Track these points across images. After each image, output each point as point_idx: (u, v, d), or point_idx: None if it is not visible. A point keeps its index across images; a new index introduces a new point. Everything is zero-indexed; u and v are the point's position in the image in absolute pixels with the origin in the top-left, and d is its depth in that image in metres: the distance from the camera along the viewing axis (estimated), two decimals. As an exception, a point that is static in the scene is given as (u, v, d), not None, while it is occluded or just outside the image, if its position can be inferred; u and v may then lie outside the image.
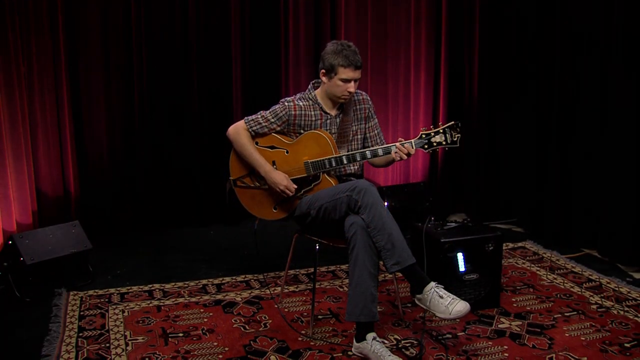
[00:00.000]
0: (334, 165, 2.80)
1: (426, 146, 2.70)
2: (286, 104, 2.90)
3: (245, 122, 2.92)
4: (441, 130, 2.68)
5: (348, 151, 2.91)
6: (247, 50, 4.48)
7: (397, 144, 2.70)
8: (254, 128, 2.89)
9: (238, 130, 2.93)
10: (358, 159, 2.80)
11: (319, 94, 2.93)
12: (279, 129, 2.89)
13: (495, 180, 4.79)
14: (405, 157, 2.70)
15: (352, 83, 2.81)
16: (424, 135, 2.70)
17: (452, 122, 2.67)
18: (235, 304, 3.12)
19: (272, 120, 2.88)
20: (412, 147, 2.69)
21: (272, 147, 2.90)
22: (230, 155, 2.99)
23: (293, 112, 2.88)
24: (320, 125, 2.90)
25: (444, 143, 2.68)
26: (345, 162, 2.81)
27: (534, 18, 4.38)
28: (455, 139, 2.68)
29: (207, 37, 4.35)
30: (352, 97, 3.01)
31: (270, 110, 2.91)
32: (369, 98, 3.05)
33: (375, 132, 3.06)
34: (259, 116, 2.90)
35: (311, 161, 2.82)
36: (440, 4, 4.75)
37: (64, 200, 4.06)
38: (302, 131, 2.89)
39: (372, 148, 2.82)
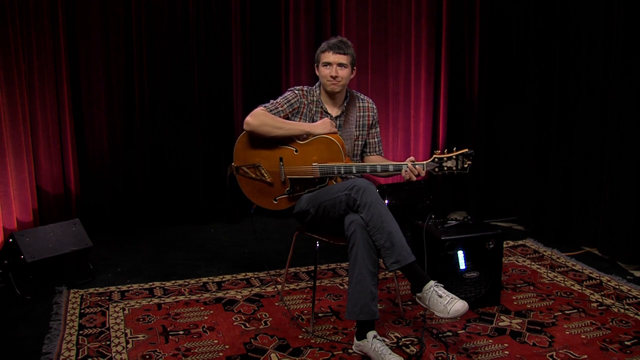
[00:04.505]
0: (342, 172, 2.81)
1: (437, 169, 2.70)
2: (296, 91, 2.96)
3: (262, 107, 2.90)
4: (454, 157, 2.67)
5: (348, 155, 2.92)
6: (248, 48, 4.48)
7: (409, 164, 2.70)
8: (273, 111, 2.89)
9: (258, 114, 2.85)
10: (368, 171, 2.81)
11: (322, 94, 2.98)
12: (288, 115, 2.91)
13: (495, 178, 4.79)
14: (414, 177, 2.71)
15: (334, 67, 2.86)
16: (436, 159, 2.69)
17: (466, 150, 2.67)
18: (236, 301, 3.13)
19: (286, 105, 2.91)
20: (423, 170, 2.70)
21: (282, 144, 2.90)
22: (237, 142, 2.97)
23: (303, 100, 2.94)
24: None
25: (454, 169, 2.68)
26: (354, 171, 2.81)
27: (534, 17, 4.38)
28: (466, 166, 2.67)
29: (208, 35, 4.35)
30: (357, 102, 3.02)
31: (281, 97, 2.95)
32: (374, 107, 3.08)
33: (375, 140, 3.09)
34: (270, 103, 2.92)
35: (320, 165, 2.82)
36: (440, 1, 4.75)
37: (64, 198, 4.06)
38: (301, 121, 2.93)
39: (383, 163, 2.82)
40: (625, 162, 3.63)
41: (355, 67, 2.97)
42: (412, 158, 2.73)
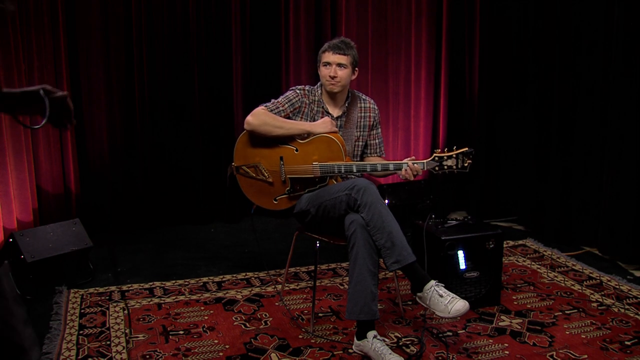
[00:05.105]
0: (342, 171, 2.81)
1: (437, 168, 2.70)
2: (298, 91, 2.96)
3: (263, 107, 2.90)
4: (454, 156, 2.67)
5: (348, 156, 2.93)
6: (248, 48, 4.49)
7: (409, 162, 2.70)
8: (274, 111, 2.89)
9: (259, 114, 2.86)
10: (368, 170, 2.80)
11: (323, 94, 2.98)
12: (289, 114, 2.91)
13: (495, 178, 4.79)
14: (412, 177, 2.70)
15: (333, 67, 2.86)
16: (436, 158, 2.69)
17: (466, 149, 2.67)
18: (236, 301, 3.12)
19: (287, 105, 2.91)
20: (424, 168, 2.70)
21: (283, 143, 2.89)
22: (237, 142, 2.97)
23: (305, 100, 2.93)
24: None
25: (454, 167, 2.68)
26: (354, 170, 2.81)
27: (534, 17, 4.38)
28: (466, 165, 2.67)
29: (208, 35, 4.35)
30: (359, 102, 3.01)
31: (282, 96, 2.95)
32: (376, 107, 3.07)
33: (377, 141, 3.07)
34: (271, 103, 2.92)
35: (320, 164, 2.82)
36: (441, 1, 4.75)
37: (64, 197, 4.06)
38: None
39: (383, 162, 2.83)
40: (625, 162, 3.63)
41: (357, 69, 2.96)
42: (412, 158, 2.74)
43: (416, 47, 4.81)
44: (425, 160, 2.70)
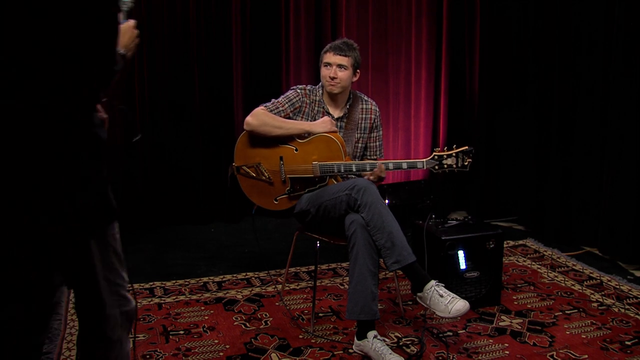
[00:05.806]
0: (342, 171, 2.81)
1: (437, 167, 2.70)
2: (299, 90, 2.95)
3: (263, 107, 2.90)
4: (454, 154, 2.68)
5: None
6: (248, 48, 4.48)
7: (378, 163, 2.72)
8: (274, 111, 2.89)
9: (258, 114, 2.86)
10: (367, 169, 2.80)
11: (324, 94, 2.97)
12: (290, 114, 2.91)
13: (495, 178, 4.79)
14: (377, 180, 2.71)
15: (334, 68, 2.85)
16: (436, 157, 2.70)
17: (466, 147, 2.67)
18: (236, 301, 3.12)
19: (287, 105, 2.91)
20: (423, 167, 2.71)
21: (283, 143, 2.89)
22: (237, 142, 2.96)
23: (305, 99, 2.93)
24: None
25: (454, 166, 2.69)
26: (354, 170, 2.81)
27: (534, 17, 4.38)
28: (466, 164, 2.68)
29: (208, 35, 4.35)
30: (360, 103, 3.01)
31: (283, 96, 2.94)
32: (377, 109, 3.05)
33: (376, 144, 3.06)
34: (271, 103, 2.91)
35: (320, 164, 2.82)
36: (441, 1, 4.76)
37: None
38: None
39: (382, 161, 2.83)
40: (625, 162, 3.63)
41: (358, 70, 2.95)
42: (379, 163, 2.76)
43: (416, 47, 4.81)
44: (425, 159, 2.70)
